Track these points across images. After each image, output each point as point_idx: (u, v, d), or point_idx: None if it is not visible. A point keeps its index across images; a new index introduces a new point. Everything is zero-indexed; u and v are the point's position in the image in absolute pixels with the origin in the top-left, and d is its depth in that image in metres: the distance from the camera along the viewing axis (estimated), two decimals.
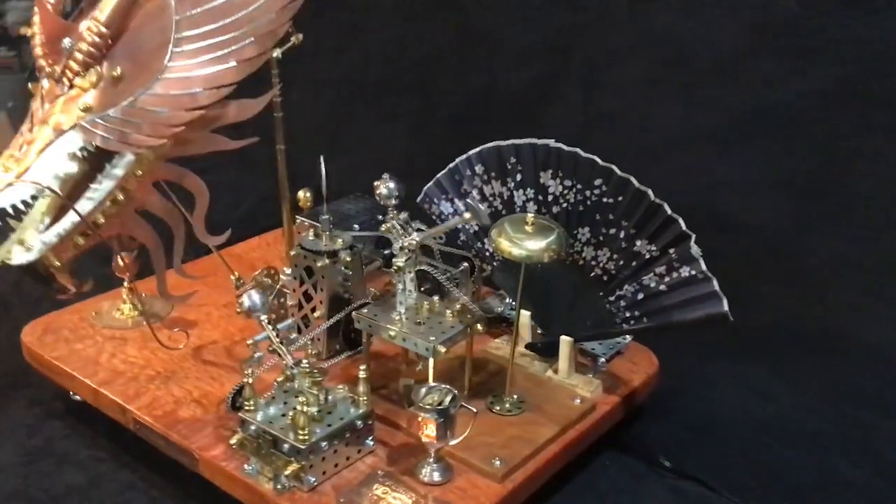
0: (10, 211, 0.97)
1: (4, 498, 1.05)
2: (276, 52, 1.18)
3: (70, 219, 0.98)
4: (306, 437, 0.93)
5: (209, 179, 1.92)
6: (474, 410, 0.95)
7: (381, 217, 1.33)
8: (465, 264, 1.15)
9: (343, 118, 1.90)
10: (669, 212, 1.02)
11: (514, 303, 1.19)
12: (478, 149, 1.16)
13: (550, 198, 1.10)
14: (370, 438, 1.00)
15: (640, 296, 1.05)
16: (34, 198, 0.98)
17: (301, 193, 1.21)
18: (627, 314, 1.06)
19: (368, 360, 1.09)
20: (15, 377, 1.26)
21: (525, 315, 1.16)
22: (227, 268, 1.17)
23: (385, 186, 1.09)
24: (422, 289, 1.11)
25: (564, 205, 1.09)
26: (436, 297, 1.07)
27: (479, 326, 1.05)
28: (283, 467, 0.94)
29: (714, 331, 1.07)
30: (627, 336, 1.18)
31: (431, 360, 1.02)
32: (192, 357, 1.18)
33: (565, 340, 1.10)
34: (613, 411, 1.10)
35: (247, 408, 0.97)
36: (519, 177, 1.12)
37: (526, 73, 1.74)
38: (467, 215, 1.03)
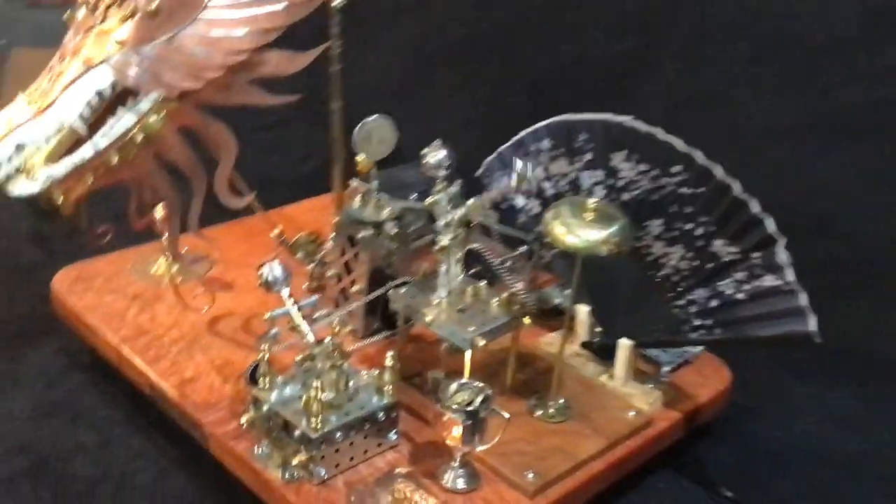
0: (30, 148, 0.90)
1: (10, 451, 0.99)
2: (338, 0, 1.08)
3: (81, 154, 0.90)
4: (319, 426, 0.84)
5: (279, 133, 1.86)
6: (506, 416, 0.84)
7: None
8: (523, 248, 1.04)
9: (419, 82, 1.80)
10: (757, 209, 0.88)
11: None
12: (546, 121, 1.04)
13: (621, 182, 0.98)
14: (394, 432, 0.90)
15: (714, 303, 0.92)
16: (56, 135, 0.91)
17: (361, 156, 1.10)
18: (697, 322, 0.94)
19: (403, 345, 1.00)
20: (47, 323, 1.21)
21: (583, 311, 1.04)
22: (270, 222, 1.09)
23: (433, 155, 0.98)
24: (471, 271, 1.01)
25: (636, 192, 0.97)
26: (483, 283, 0.97)
27: (526, 320, 0.95)
28: (292, 455, 0.85)
29: (800, 347, 0.93)
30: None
31: (468, 353, 0.91)
32: (222, 321, 1.10)
33: (624, 344, 0.98)
34: (672, 429, 0.98)
35: (261, 386, 0.88)
36: (588, 156, 1.00)
37: (618, 44, 1.60)
38: (514, 181, 0.91)
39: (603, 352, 1.02)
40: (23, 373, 1.12)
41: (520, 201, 1.08)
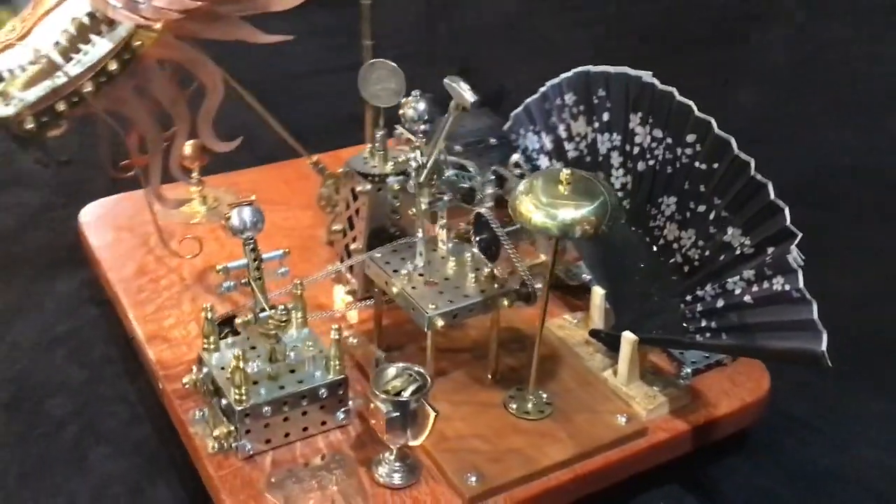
0: (6, 75, 0.87)
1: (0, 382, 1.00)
2: None
3: (53, 80, 0.86)
4: (243, 398, 0.77)
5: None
6: (435, 412, 0.73)
7: (493, 141, 1.12)
8: None
9: (525, 19, 1.66)
10: (773, 196, 0.71)
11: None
12: (570, 72, 0.90)
13: (637, 149, 0.83)
14: (342, 411, 0.82)
15: (720, 303, 0.76)
16: (32, 63, 0.88)
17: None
18: (703, 323, 0.78)
19: (379, 318, 0.90)
20: (80, 253, 1.20)
21: (598, 293, 0.91)
22: (303, 152, 1.02)
23: (412, 108, 0.86)
24: (477, 238, 0.89)
25: (652, 162, 0.81)
26: (469, 255, 0.85)
27: (505, 301, 0.83)
28: (218, 425, 0.79)
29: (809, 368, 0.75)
30: None
31: (430, 334, 0.81)
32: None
33: (628, 338, 0.84)
34: (672, 442, 0.83)
35: (205, 346, 0.82)
36: (606, 116, 0.85)
37: None
38: (452, 103, 0.79)
39: (612, 343, 0.88)
40: (45, 303, 1.13)
41: (544, 161, 0.95)
